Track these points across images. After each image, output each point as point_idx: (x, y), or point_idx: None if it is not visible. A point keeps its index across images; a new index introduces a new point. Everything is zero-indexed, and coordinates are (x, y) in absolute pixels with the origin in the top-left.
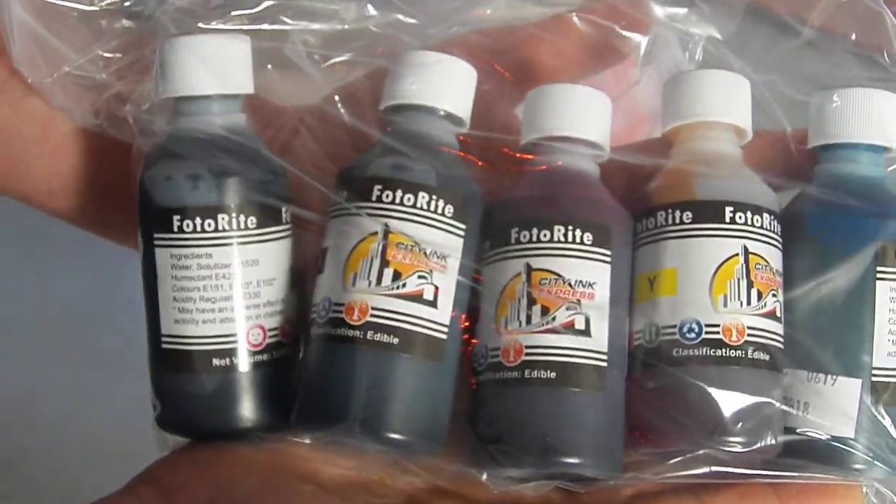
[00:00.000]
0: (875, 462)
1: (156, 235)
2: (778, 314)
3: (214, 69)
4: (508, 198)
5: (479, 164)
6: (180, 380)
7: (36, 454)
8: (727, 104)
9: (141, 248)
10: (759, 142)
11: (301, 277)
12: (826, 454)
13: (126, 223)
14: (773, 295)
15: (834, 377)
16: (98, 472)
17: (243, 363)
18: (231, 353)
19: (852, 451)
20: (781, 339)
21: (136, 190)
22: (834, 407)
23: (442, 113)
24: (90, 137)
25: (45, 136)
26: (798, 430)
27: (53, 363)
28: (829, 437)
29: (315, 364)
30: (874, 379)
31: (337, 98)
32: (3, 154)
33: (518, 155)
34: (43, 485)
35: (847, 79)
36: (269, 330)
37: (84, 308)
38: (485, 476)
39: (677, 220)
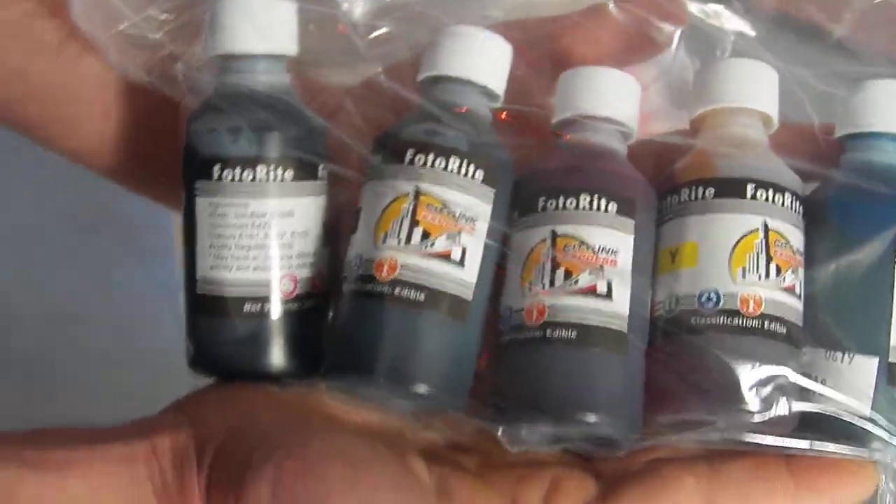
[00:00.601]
0: (891, 440)
1: (197, 184)
2: (797, 291)
3: (260, 29)
4: (537, 170)
5: (503, 118)
6: (213, 323)
7: None
8: (754, 91)
9: (183, 199)
10: (786, 133)
11: (335, 235)
12: (842, 431)
13: (172, 185)
14: (793, 272)
15: (851, 355)
16: None
17: (274, 310)
18: (263, 299)
19: (868, 428)
20: (800, 316)
21: (181, 143)
22: (850, 384)
23: (477, 86)
24: (140, 98)
25: (97, 97)
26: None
27: (51, 361)
28: (844, 413)
29: (345, 318)
30: (892, 360)
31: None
32: (58, 114)
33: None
34: None
35: (876, 74)
36: (301, 280)
37: (81, 305)
38: (500, 431)
39: (699, 196)
